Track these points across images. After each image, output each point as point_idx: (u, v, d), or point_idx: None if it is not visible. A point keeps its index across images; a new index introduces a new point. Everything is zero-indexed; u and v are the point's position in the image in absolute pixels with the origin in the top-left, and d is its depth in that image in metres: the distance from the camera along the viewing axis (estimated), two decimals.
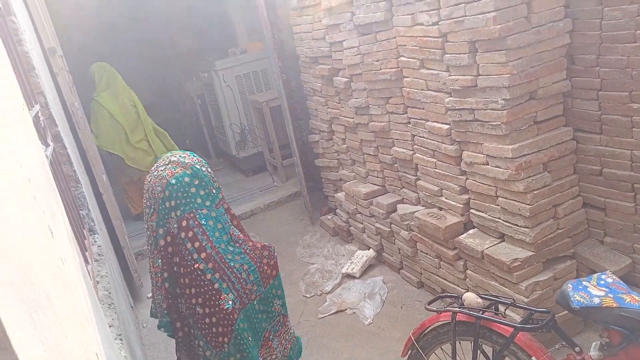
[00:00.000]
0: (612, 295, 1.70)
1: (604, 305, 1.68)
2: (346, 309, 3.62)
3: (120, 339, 1.81)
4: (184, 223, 1.75)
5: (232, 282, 1.77)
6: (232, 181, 6.86)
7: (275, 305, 1.96)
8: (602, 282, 1.79)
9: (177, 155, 1.88)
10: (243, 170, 6.90)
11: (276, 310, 1.97)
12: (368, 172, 4.24)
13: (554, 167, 2.83)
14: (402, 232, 3.70)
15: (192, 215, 1.76)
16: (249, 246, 1.88)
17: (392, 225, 3.84)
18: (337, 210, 4.81)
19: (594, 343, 1.79)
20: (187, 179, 1.79)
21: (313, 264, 4.32)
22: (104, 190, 4.11)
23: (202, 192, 1.82)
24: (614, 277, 1.82)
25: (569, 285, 1.80)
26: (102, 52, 7.55)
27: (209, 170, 1.92)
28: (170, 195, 1.75)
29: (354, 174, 4.49)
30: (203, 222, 1.77)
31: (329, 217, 4.94)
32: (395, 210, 3.80)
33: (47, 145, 2.39)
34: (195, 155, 1.95)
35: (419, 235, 3.51)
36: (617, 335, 1.70)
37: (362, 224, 4.30)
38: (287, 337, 2.06)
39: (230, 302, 1.75)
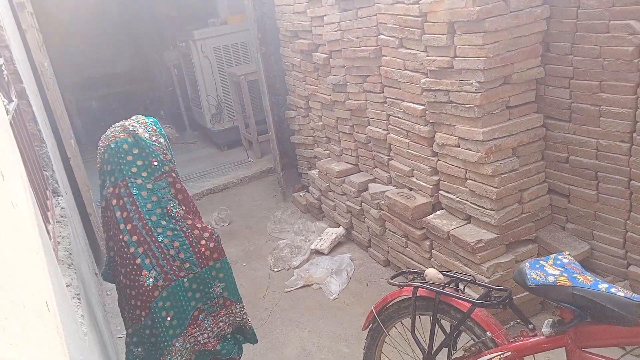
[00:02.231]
0: (566, 275, 1.75)
1: (558, 283, 1.73)
2: (313, 284, 3.65)
3: (78, 299, 1.78)
4: (116, 190, 1.70)
5: (157, 257, 1.70)
6: (206, 154, 6.79)
7: (214, 287, 1.87)
8: (559, 262, 1.84)
9: (133, 121, 1.82)
10: (217, 144, 6.83)
11: (215, 292, 1.88)
12: (342, 151, 4.24)
13: (522, 152, 2.88)
14: (372, 210, 3.73)
15: (124, 182, 1.71)
16: (187, 224, 1.78)
17: (362, 203, 3.87)
18: (309, 188, 4.81)
19: (546, 320, 1.85)
20: (125, 146, 1.73)
21: (283, 239, 4.33)
22: (72, 154, 4.01)
23: (139, 162, 1.74)
24: (570, 257, 1.87)
25: (527, 263, 1.85)
26: (79, 16, 7.32)
27: (162, 141, 1.82)
28: (108, 159, 1.72)
29: (328, 152, 4.49)
30: (134, 191, 1.71)
31: (301, 194, 4.94)
32: (367, 189, 3.83)
33: (10, 100, 2.30)
34: (156, 123, 1.86)
35: (388, 214, 3.55)
36: (568, 313, 1.76)
37: (333, 201, 4.32)
38: (227, 321, 1.97)
39: (150, 280, 1.69)
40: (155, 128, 1.82)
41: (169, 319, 1.73)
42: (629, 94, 2.50)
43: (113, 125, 1.81)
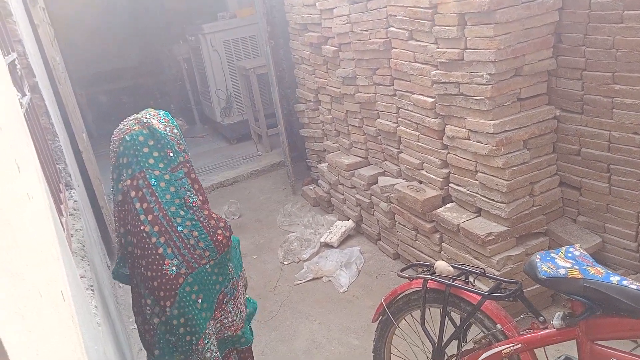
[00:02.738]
0: (577, 267, 1.74)
1: (569, 276, 1.72)
2: (322, 277, 3.67)
3: (92, 290, 1.81)
4: (134, 182, 1.71)
5: (178, 247, 1.71)
6: (216, 148, 6.82)
7: (229, 268, 1.89)
8: (570, 254, 1.83)
9: (146, 113, 1.82)
10: (227, 138, 6.85)
11: (231, 273, 1.90)
12: (352, 144, 4.24)
13: (533, 144, 2.86)
14: (381, 204, 3.73)
15: (142, 174, 1.72)
16: (204, 214, 1.80)
17: (372, 197, 3.87)
18: (319, 181, 4.82)
19: (557, 313, 1.84)
20: (141, 138, 1.74)
21: (292, 232, 4.34)
22: (83, 148, 4.05)
23: (155, 154, 1.75)
24: (582, 250, 1.86)
25: (538, 256, 1.84)
26: (88, 11, 7.36)
27: (175, 131, 1.83)
28: (124, 152, 1.73)
29: (337, 145, 4.48)
30: (153, 182, 1.72)
31: (310, 187, 4.95)
32: (376, 182, 3.82)
33: (23, 94, 2.33)
34: (167, 115, 1.87)
35: (397, 207, 3.54)
36: (579, 306, 1.75)
37: (343, 195, 4.33)
38: (242, 301, 2.00)
39: (174, 269, 1.69)
40: (167, 119, 1.83)
41: (199, 301, 1.74)
42: None
43: (126, 119, 1.82)
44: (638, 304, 1.57)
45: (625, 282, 1.62)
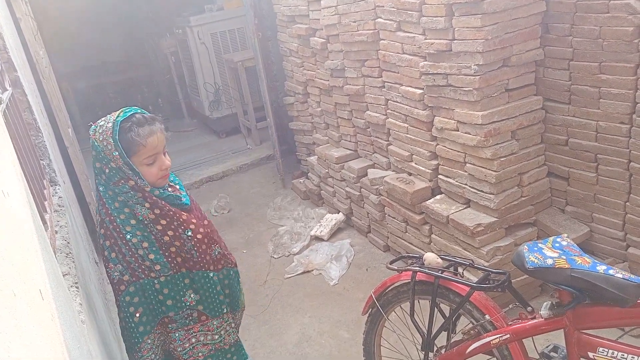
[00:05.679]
0: (564, 257, 1.74)
1: (557, 266, 1.72)
2: (312, 270, 3.66)
3: (77, 288, 1.77)
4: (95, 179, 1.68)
5: (124, 253, 1.63)
6: (205, 142, 6.77)
7: (186, 296, 1.71)
8: (557, 244, 1.83)
9: (107, 116, 1.67)
10: (216, 132, 6.81)
11: (186, 302, 1.71)
12: (341, 137, 4.22)
13: (522, 135, 2.86)
14: (371, 196, 3.72)
15: (95, 177, 1.66)
16: (156, 229, 1.65)
17: (362, 189, 3.86)
18: (309, 174, 4.80)
19: (544, 303, 1.84)
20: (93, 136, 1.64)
21: (282, 226, 4.33)
22: (69, 143, 3.99)
23: (97, 164, 1.62)
24: (569, 240, 1.86)
25: (525, 246, 1.84)
26: (74, 4, 7.24)
27: (110, 147, 1.60)
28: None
29: (327, 137, 4.47)
30: (101, 189, 1.64)
31: (300, 180, 4.93)
32: (366, 174, 3.82)
33: (4, 89, 2.28)
34: (118, 120, 1.61)
35: (387, 199, 3.54)
36: (566, 295, 1.76)
37: (332, 187, 4.31)
38: (202, 339, 1.76)
39: (116, 274, 1.64)
40: (109, 131, 1.59)
41: (137, 315, 1.65)
42: (629, 75, 2.47)
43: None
44: (624, 293, 1.58)
45: (611, 271, 1.63)
